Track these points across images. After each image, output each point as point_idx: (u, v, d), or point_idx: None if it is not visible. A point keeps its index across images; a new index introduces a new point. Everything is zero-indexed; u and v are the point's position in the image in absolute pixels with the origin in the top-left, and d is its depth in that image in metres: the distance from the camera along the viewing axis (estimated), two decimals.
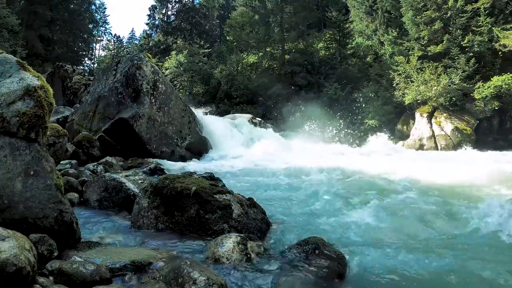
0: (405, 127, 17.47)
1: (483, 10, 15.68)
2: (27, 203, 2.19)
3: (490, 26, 15.36)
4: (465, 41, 15.74)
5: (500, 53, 15.35)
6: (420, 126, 15.89)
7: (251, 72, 26.58)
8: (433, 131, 15.35)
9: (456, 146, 14.30)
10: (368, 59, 21.93)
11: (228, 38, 29.16)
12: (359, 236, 3.00)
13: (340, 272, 2.25)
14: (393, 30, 19.25)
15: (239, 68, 26.36)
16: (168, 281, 1.87)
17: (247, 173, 6.46)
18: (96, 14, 42.69)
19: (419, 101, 16.42)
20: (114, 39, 45.87)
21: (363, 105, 18.70)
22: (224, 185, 4.09)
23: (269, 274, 2.19)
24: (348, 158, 10.05)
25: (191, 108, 10.05)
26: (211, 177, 5.07)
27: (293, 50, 25.36)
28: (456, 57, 15.97)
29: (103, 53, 47.22)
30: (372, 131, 17.49)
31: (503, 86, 14.17)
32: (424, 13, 17.14)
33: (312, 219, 3.48)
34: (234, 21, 26.96)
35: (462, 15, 16.19)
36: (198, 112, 11.21)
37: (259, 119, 15.40)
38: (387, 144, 15.26)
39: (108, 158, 6.50)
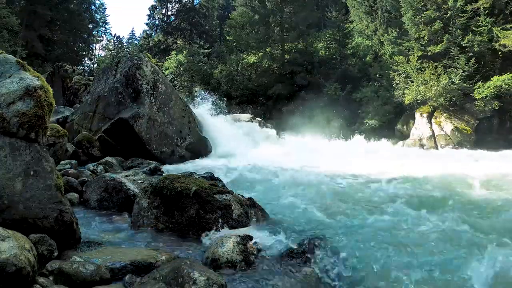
0: (405, 127, 17.46)
1: (483, 10, 15.66)
2: (27, 203, 2.19)
3: (490, 26, 15.34)
4: (465, 41, 15.72)
5: (500, 53, 15.33)
6: (420, 126, 15.88)
7: (251, 72, 26.56)
8: (433, 131, 15.35)
9: (456, 146, 14.29)
10: (368, 59, 21.92)
11: (228, 38, 29.16)
12: (360, 235, 3.00)
13: (340, 271, 2.25)
14: (393, 30, 19.23)
15: (239, 68, 26.35)
16: (168, 281, 1.87)
17: (247, 173, 6.46)
18: (96, 14, 42.67)
19: (419, 101, 16.40)
20: (114, 39, 45.77)
21: (363, 105, 18.70)
22: (224, 185, 4.09)
23: (269, 274, 2.19)
24: (348, 158, 10.03)
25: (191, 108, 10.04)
26: (211, 177, 5.06)
27: (293, 50, 25.36)
28: (456, 57, 15.96)
29: (103, 53, 47.16)
30: (372, 131, 17.49)
31: (503, 86, 14.16)
32: (424, 13, 17.13)
33: (312, 218, 3.47)
34: (234, 21, 26.96)
35: (462, 15, 16.17)
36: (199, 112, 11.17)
37: (259, 119, 15.38)
38: (387, 144, 15.25)
39: (108, 158, 6.49)
